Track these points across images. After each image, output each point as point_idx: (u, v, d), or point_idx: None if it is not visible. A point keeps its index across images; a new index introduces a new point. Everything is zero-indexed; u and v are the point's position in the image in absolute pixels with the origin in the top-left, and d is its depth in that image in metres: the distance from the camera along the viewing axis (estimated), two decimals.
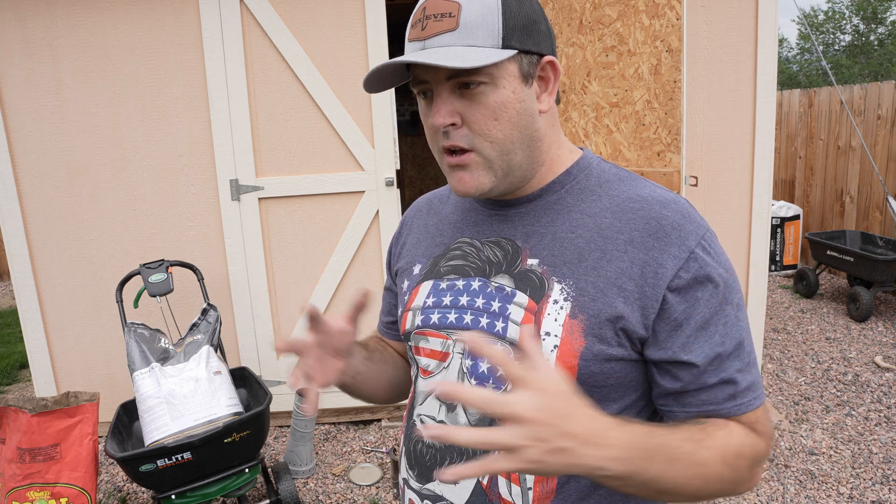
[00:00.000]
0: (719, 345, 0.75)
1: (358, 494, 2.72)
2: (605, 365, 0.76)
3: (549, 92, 0.80)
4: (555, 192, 0.83)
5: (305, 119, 3.00)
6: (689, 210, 0.78)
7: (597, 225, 0.78)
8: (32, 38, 2.90)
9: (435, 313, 0.85)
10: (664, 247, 0.75)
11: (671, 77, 2.54)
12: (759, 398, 0.78)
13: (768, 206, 3.16)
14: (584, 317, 0.75)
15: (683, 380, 0.76)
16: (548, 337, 0.76)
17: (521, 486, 0.79)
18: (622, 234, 0.77)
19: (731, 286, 0.77)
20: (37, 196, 3.03)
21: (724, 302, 0.76)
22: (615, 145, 2.80)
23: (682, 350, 0.75)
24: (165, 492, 2.20)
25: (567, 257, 0.78)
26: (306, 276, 3.15)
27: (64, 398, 2.41)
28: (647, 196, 0.79)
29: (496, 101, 0.74)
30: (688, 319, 0.74)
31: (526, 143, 0.78)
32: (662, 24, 2.52)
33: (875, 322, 4.44)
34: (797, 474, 2.71)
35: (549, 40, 0.79)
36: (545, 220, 0.81)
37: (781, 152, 6.26)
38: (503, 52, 0.73)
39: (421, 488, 0.87)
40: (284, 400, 3.21)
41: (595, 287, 0.75)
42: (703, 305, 0.75)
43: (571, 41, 2.87)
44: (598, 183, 0.82)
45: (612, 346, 0.75)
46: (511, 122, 0.76)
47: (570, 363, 0.75)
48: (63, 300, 3.13)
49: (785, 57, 21.97)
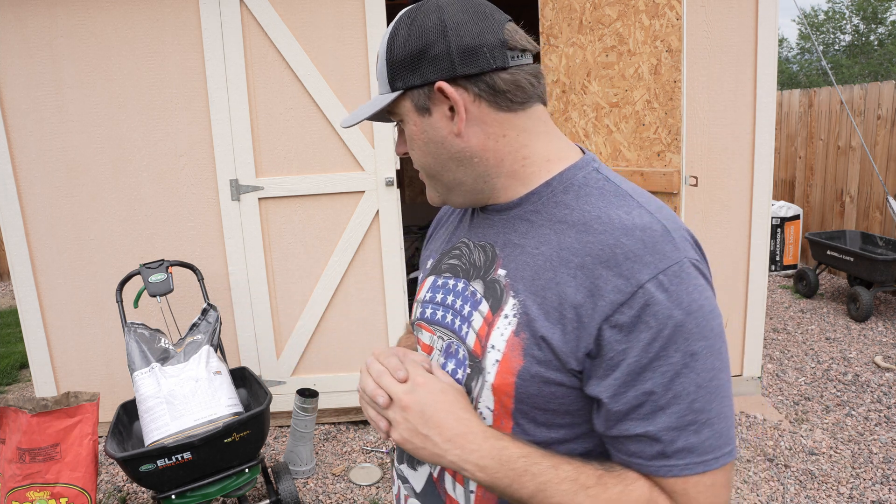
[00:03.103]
0: (650, 394, 0.68)
1: (358, 494, 2.72)
2: (545, 388, 0.73)
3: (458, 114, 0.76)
4: (532, 203, 0.80)
5: (305, 119, 3.00)
6: (657, 239, 0.70)
7: (559, 244, 0.75)
8: (32, 38, 2.90)
9: (429, 308, 0.89)
10: (610, 277, 0.69)
11: (671, 77, 2.54)
12: (701, 465, 0.69)
13: (768, 206, 3.16)
14: (526, 336, 0.73)
15: (607, 423, 0.72)
16: (492, 350, 0.76)
17: (464, 486, 0.82)
18: (577, 258, 0.72)
19: (688, 331, 0.67)
20: (37, 196, 3.03)
21: (671, 348, 0.67)
22: (615, 145, 2.80)
23: (607, 393, 0.70)
24: (165, 492, 2.20)
25: (525, 273, 0.76)
26: (306, 276, 3.15)
27: (64, 398, 2.41)
28: (614, 219, 0.72)
29: (408, 135, 0.82)
30: (622, 361, 0.68)
31: (451, 164, 0.80)
32: (662, 24, 2.52)
33: (875, 322, 4.44)
34: (797, 474, 2.71)
35: (446, 62, 0.75)
36: (521, 231, 0.80)
37: (781, 152, 6.26)
38: (389, 95, 0.79)
39: (398, 467, 0.93)
40: (284, 400, 3.21)
41: (540, 308, 0.73)
42: (641, 348, 0.67)
43: (571, 41, 2.87)
44: (577, 196, 0.77)
45: (550, 370, 0.72)
46: (422, 151, 0.81)
47: (509, 380, 0.74)
48: (63, 300, 3.13)
49: (785, 57, 21.97)
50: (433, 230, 1.04)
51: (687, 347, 0.67)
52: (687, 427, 0.68)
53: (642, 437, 0.69)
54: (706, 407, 0.68)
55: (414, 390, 0.74)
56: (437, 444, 0.72)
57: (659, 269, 0.68)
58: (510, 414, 0.76)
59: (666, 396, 0.68)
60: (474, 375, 0.78)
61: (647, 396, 0.68)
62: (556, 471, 0.70)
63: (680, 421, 0.68)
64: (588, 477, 0.70)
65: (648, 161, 2.69)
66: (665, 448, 0.69)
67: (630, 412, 0.69)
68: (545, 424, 0.75)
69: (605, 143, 2.84)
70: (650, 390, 0.68)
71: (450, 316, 0.84)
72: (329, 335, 3.21)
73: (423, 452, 0.74)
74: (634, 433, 0.70)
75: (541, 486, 0.70)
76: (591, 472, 0.71)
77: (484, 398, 0.77)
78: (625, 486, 0.70)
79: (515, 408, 0.75)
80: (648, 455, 0.70)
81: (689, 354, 0.67)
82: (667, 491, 0.70)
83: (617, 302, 0.68)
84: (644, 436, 0.69)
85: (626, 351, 0.68)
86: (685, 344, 0.67)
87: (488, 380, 0.76)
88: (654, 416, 0.68)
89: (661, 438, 0.68)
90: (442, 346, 0.84)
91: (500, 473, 0.70)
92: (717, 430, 0.69)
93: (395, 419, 0.75)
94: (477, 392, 0.78)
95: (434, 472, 0.86)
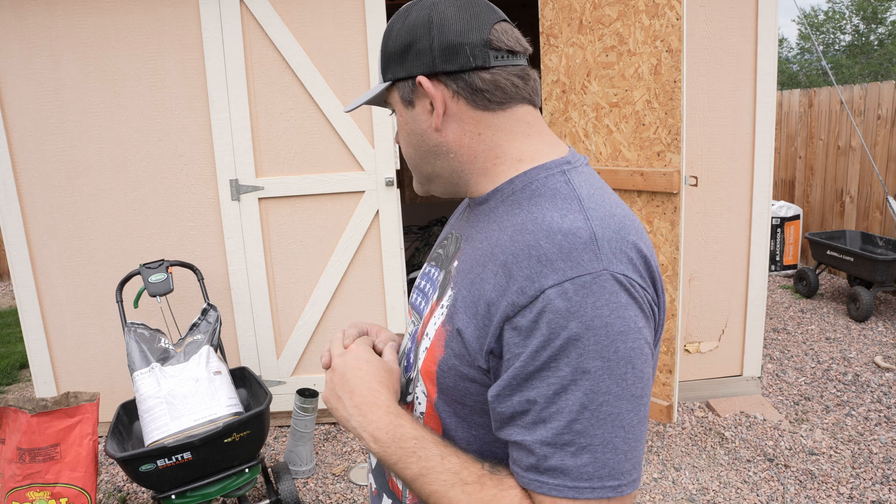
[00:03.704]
0: (533, 403, 0.66)
1: (358, 494, 2.72)
2: (460, 382, 0.74)
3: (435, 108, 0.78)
4: (494, 200, 0.81)
5: (305, 119, 3.00)
6: (576, 246, 0.67)
7: (496, 240, 0.75)
8: (32, 38, 2.90)
9: (414, 293, 0.93)
10: (518, 278, 0.68)
11: (671, 77, 2.54)
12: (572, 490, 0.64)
13: (768, 206, 3.16)
14: (449, 328, 0.75)
15: (495, 424, 0.72)
16: (425, 338, 0.80)
17: None
18: (502, 256, 0.72)
19: (583, 347, 0.64)
20: (37, 196, 3.03)
21: (561, 360, 0.64)
22: (615, 145, 2.80)
23: (493, 392, 0.70)
24: (165, 492, 2.20)
25: (465, 266, 0.78)
26: (306, 276, 3.15)
27: (64, 398, 2.41)
28: (547, 221, 0.71)
29: (398, 124, 0.85)
30: (512, 364, 0.67)
31: (429, 157, 0.83)
32: (662, 24, 2.51)
33: (875, 322, 4.44)
34: (797, 474, 2.71)
35: (428, 57, 0.77)
36: (480, 226, 0.81)
37: (781, 152, 6.26)
38: (381, 85, 0.83)
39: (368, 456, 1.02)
40: (284, 400, 3.21)
41: (464, 303, 0.74)
42: (529, 354, 0.66)
43: (571, 41, 2.87)
44: (530, 196, 0.77)
45: (464, 364, 0.73)
46: (406, 142, 0.85)
47: (432, 368, 0.77)
48: (63, 300, 3.13)
49: (785, 57, 21.98)
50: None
51: (579, 363, 0.64)
52: (564, 447, 0.65)
53: (519, 445, 0.68)
54: (588, 431, 0.64)
55: (343, 355, 0.84)
56: (347, 407, 0.79)
57: (566, 277, 0.65)
58: (433, 403, 0.79)
59: (548, 409, 0.65)
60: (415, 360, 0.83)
61: (531, 405, 0.66)
62: (441, 460, 0.72)
63: (556, 438, 0.65)
64: (470, 474, 0.70)
65: (648, 161, 2.69)
66: (538, 462, 0.66)
67: (514, 417, 0.68)
68: (464, 419, 0.77)
69: (605, 143, 2.84)
70: (533, 399, 0.66)
71: (423, 302, 0.88)
72: (329, 335, 3.21)
73: (336, 414, 0.81)
74: (513, 440, 0.69)
75: (423, 470, 0.72)
76: (474, 469, 0.71)
77: (420, 383, 0.81)
78: (499, 490, 0.69)
79: (438, 397, 0.78)
80: (524, 466, 0.68)
81: (581, 371, 0.64)
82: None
83: (518, 304, 0.67)
84: (520, 444, 0.68)
85: (518, 354, 0.67)
86: (578, 359, 0.64)
87: (418, 365, 0.80)
88: (534, 428, 0.66)
89: (534, 451, 0.66)
90: (413, 330, 0.88)
91: (390, 449, 0.74)
92: (601, 459, 0.65)
93: (327, 379, 0.83)
94: (415, 376, 0.82)
95: None
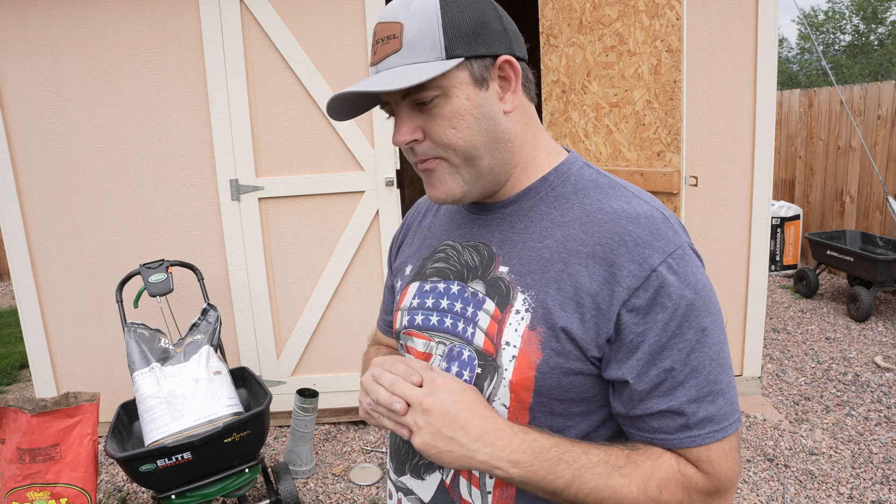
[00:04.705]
0: (670, 371, 0.72)
1: (358, 494, 2.72)
2: (564, 378, 0.74)
3: (512, 91, 0.77)
4: (530, 199, 0.81)
5: (305, 119, 3.00)
6: (660, 226, 0.74)
7: (564, 236, 0.76)
8: (32, 38, 2.90)
9: (419, 314, 0.87)
10: (624, 263, 0.72)
11: (671, 77, 2.54)
12: (719, 432, 0.73)
13: (768, 206, 3.16)
14: (542, 329, 0.74)
15: (630, 403, 0.74)
16: (507, 347, 0.76)
17: (480, 489, 0.80)
18: (586, 248, 0.74)
19: (697, 309, 0.72)
20: (37, 196, 3.03)
21: (685, 326, 0.72)
22: (615, 145, 2.80)
23: (632, 374, 0.72)
24: (165, 492, 2.20)
25: (532, 267, 0.77)
26: (306, 276, 3.15)
27: (64, 398, 2.41)
28: (617, 209, 0.75)
29: (450, 110, 0.74)
30: (642, 343, 0.72)
31: (492, 146, 0.77)
32: (662, 24, 2.52)
33: (875, 322, 4.44)
34: (797, 474, 2.71)
35: (505, 38, 0.76)
36: (519, 228, 0.80)
37: (781, 152, 6.26)
38: (447, 62, 0.72)
39: (396, 480, 0.90)
40: (284, 400, 3.21)
41: (554, 300, 0.74)
42: (659, 328, 0.71)
43: (571, 41, 2.87)
44: (574, 190, 0.80)
45: (570, 360, 0.74)
46: (470, 129, 0.75)
47: (527, 374, 0.75)
48: (63, 300, 3.13)
49: (785, 57, 21.97)
50: (402, 237, 1.01)
51: (698, 324, 0.72)
52: (705, 398, 0.72)
53: (666, 413, 0.73)
54: (718, 378, 0.73)
55: (434, 392, 0.72)
56: (465, 444, 0.70)
57: (667, 253, 0.72)
58: (527, 408, 0.76)
59: (684, 372, 0.72)
60: (486, 374, 0.78)
61: (668, 374, 0.72)
62: (587, 456, 0.72)
63: (699, 393, 0.72)
64: (617, 458, 0.72)
65: (648, 161, 2.69)
66: (688, 420, 0.72)
67: (652, 390, 0.72)
68: (561, 414, 0.76)
69: (605, 143, 2.84)
70: (670, 367, 0.72)
71: (448, 319, 0.82)
72: (329, 335, 3.21)
73: (448, 456, 0.71)
74: (658, 410, 0.73)
75: (576, 472, 0.71)
76: (619, 452, 0.73)
77: (500, 395, 0.77)
78: (653, 461, 0.73)
79: (534, 401, 0.76)
80: (672, 429, 0.73)
81: (701, 330, 0.72)
82: (692, 461, 0.74)
83: (633, 287, 0.71)
84: (668, 411, 0.72)
85: (645, 332, 0.71)
86: (696, 321, 0.72)
87: (506, 377, 0.76)
88: (675, 392, 0.72)
89: (683, 412, 0.72)
90: (443, 350, 0.83)
91: (534, 466, 0.70)
92: (728, 398, 0.74)
93: (416, 423, 0.71)
94: (491, 390, 0.77)
95: (447, 478, 0.83)
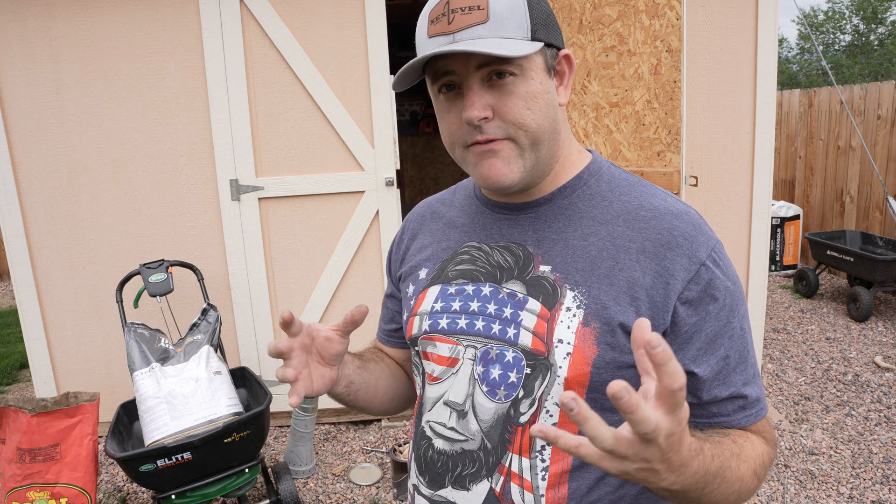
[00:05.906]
0: (726, 358, 0.76)
1: (358, 494, 2.72)
2: (618, 373, 0.75)
3: (564, 85, 0.81)
4: (566, 197, 0.83)
5: (305, 119, 3.00)
6: (699, 222, 0.79)
7: (609, 233, 0.79)
8: (32, 38, 2.90)
9: (443, 318, 0.84)
10: (676, 258, 0.75)
11: (671, 77, 2.54)
12: (765, 408, 0.80)
13: (768, 206, 3.16)
14: (597, 325, 0.75)
15: (692, 392, 0.77)
16: (560, 344, 0.76)
17: (533, 493, 0.79)
18: (634, 244, 0.77)
19: (737, 298, 0.78)
20: (37, 196, 3.03)
21: (732, 315, 0.77)
22: (615, 145, 2.80)
23: (692, 363, 0.76)
24: (165, 492, 2.20)
25: (579, 265, 0.78)
26: (306, 276, 3.15)
27: (64, 398, 2.41)
28: (658, 206, 0.79)
29: (527, 91, 0.74)
30: (698, 332, 0.75)
31: (552, 135, 0.79)
32: (662, 24, 2.51)
33: (875, 322, 4.44)
34: (797, 474, 2.71)
35: (560, 35, 0.80)
36: (557, 227, 0.81)
37: (781, 152, 6.26)
38: (534, 44, 0.73)
39: (432, 495, 0.86)
40: (284, 400, 3.21)
41: (608, 296, 0.75)
42: (712, 318, 0.75)
43: (571, 41, 2.87)
44: (610, 188, 0.82)
45: (626, 354, 0.74)
46: (542, 112, 0.76)
47: (583, 370, 0.75)
48: (63, 300, 3.13)
49: (785, 57, 21.96)
50: (403, 241, 0.99)
51: (739, 313, 0.78)
52: (752, 380, 0.79)
53: (728, 399, 0.77)
54: (755, 360, 0.80)
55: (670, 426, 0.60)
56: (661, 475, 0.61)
57: (710, 248, 0.77)
58: None
59: (735, 358, 0.77)
60: (537, 374, 0.77)
61: (724, 361, 0.76)
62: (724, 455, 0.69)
63: (747, 376, 0.78)
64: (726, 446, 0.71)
65: (648, 161, 2.69)
66: (746, 402, 0.78)
67: (714, 378, 0.76)
68: (611, 409, 0.75)
69: (605, 143, 2.84)
70: (725, 355, 0.76)
71: (479, 322, 0.81)
72: None
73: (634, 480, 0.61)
74: (724, 396, 0.77)
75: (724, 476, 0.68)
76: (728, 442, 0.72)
77: (553, 394, 0.76)
78: (744, 440, 0.76)
79: (587, 397, 0.76)
80: (731, 411, 0.78)
81: (741, 317, 0.78)
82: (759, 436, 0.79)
83: (686, 279, 0.75)
84: (731, 396, 0.77)
85: (699, 323, 0.75)
86: (738, 310, 0.78)
87: (560, 374, 0.76)
88: (732, 377, 0.77)
89: (743, 394, 0.78)
90: (474, 354, 0.81)
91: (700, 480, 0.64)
92: (759, 377, 0.81)
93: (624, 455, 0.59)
94: (543, 389, 0.77)
95: (496, 486, 0.81)
